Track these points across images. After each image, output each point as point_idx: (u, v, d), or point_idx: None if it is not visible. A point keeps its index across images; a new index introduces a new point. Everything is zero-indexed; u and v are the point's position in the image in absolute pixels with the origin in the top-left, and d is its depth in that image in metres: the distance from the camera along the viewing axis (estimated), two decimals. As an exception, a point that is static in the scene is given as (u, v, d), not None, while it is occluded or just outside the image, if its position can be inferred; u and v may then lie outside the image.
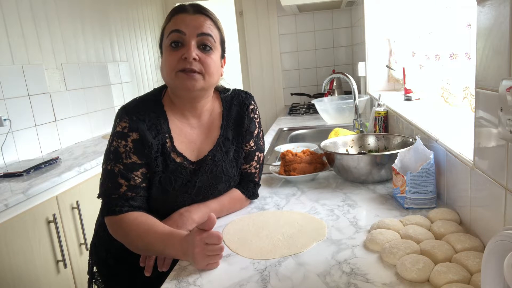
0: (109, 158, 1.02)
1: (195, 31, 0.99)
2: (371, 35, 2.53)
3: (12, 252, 1.52)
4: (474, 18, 0.80)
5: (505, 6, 0.67)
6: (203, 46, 1.00)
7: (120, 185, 0.99)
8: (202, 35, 1.00)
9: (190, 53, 0.97)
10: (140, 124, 1.02)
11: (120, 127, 1.01)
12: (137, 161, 1.01)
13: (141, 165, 1.02)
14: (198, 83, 1.00)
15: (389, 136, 1.49)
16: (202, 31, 1.00)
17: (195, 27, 0.99)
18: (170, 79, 1.02)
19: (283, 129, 2.51)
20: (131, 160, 1.00)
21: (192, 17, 1.00)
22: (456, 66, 1.44)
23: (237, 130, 1.15)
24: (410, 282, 0.73)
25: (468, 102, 1.34)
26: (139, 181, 1.01)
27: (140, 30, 3.64)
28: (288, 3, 2.98)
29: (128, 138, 1.01)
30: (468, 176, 0.89)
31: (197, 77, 1.00)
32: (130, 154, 1.01)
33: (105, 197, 1.01)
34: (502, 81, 0.67)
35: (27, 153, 2.20)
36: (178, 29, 0.99)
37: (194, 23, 0.99)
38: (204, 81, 1.01)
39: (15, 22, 2.20)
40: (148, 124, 1.03)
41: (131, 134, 1.01)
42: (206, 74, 1.01)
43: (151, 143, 1.02)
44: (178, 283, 0.82)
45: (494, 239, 0.49)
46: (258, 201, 1.22)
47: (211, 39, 1.01)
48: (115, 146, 1.01)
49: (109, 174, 1.01)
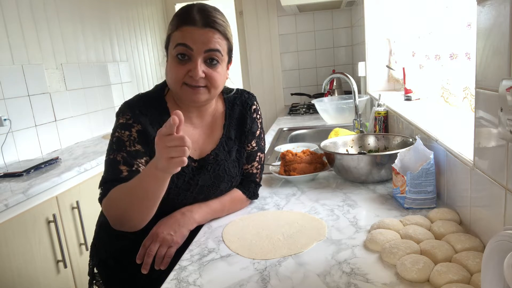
0: (112, 149, 1.01)
1: (203, 47, 0.97)
2: (371, 35, 2.53)
3: (12, 252, 1.52)
4: (474, 18, 0.80)
5: (505, 6, 0.67)
6: (210, 60, 0.99)
7: (121, 171, 0.97)
8: (210, 51, 0.98)
9: (196, 73, 0.96)
10: (142, 117, 1.02)
11: (124, 119, 1.01)
12: (141, 149, 1.00)
13: (145, 154, 1.01)
14: (203, 96, 1.01)
15: (389, 136, 1.49)
16: (210, 47, 0.97)
17: (203, 43, 0.97)
18: (175, 89, 1.02)
19: (283, 129, 2.51)
20: (135, 148, 1.00)
21: (200, 32, 0.97)
22: (456, 66, 1.44)
23: (239, 130, 1.15)
24: (410, 282, 0.73)
25: (468, 102, 1.34)
26: (143, 168, 0.99)
27: (140, 30, 3.64)
28: (288, 3, 2.98)
29: (132, 128, 1.00)
30: (468, 176, 0.89)
31: (202, 91, 1.00)
32: (134, 143, 1.00)
33: (104, 183, 0.99)
34: (502, 81, 0.67)
35: (27, 153, 2.20)
36: (186, 44, 0.96)
37: (202, 39, 0.97)
38: (209, 94, 1.02)
39: (15, 22, 2.20)
40: (151, 118, 1.03)
41: (135, 125, 1.01)
42: (212, 88, 1.01)
43: (153, 136, 1.01)
44: (178, 283, 0.82)
45: (494, 239, 0.49)
46: (258, 201, 1.23)
47: (219, 54, 0.99)
48: (117, 136, 1.00)
49: (111, 162, 0.99)
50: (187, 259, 0.91)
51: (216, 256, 0.91)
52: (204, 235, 1.03)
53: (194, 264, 0.88)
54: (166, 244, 0.98)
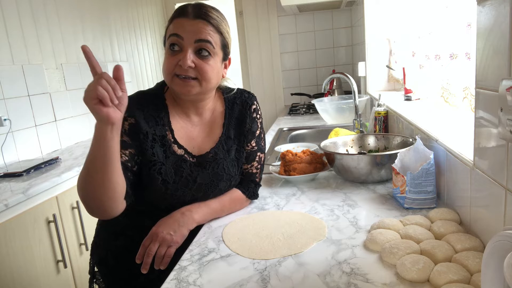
0: None
1: (193, 37, 0.98)
2: (371, 35, 2.53)
3: (12, 252, 1.52)
4: (474, 18, 0.80)
5: (505, 6, 0.67)
6: (200, 51, 1.00)
7: None
8: (199, 42, 0.99)
9: (185, 61, 0.97)
10: (136, 112, 1.02)
11: None
12: (128, 141, 1.00)
13: (130, 146, 1.00)
14: (193, 89, 1.01)
15: (389, 136, 1.49)
16: (200, 37, 0.98)
17: (193, 32, 0.98)
18: (168, 82, 1.03)
19: (283, 129, 2.52)
20: (122, 139, 0.98)
21: (191, 22, 0.98)
22: (456, 66, 1.44)
23: (239, 130, 1.15)
24: (410, 282, 0.73)
25: (468, 102, 1.34)
26: (125, 159, 0.99)
27: (140, 30, 3.64)
28: (288, 3, 2.98)
29: (125, 121, 1.00)
30: (468, 176, 0.89)
31: (192, 83, 1.00)
32: (123, 134, 1.00)
33: None
34: (502, 81, 0.67)
35: (27, 153, 2.20)
36: (176, 33, 0.98)
37: (193, 29, 0.98)
38: (200, 86, 1.02)
39: (15, 22, 2.20)
40: (146, 114, 1.03)
41: (128, 119, 1.01)
42: (203, 80, 1.01)
43: (146, 131, 1.02)
44: (178, 283, 0.82)
45: (494, 239, 0.49)
46: (258, 201, 1.23)
47: (209, 45, 1.00)
48: None
49: None
50: (187, 259, 0.91)
51: (216, 256, 0.91)
52: (204, 235, 1.03)
53: (194, 264, 0.88)
54: (165, 244, 0.98)
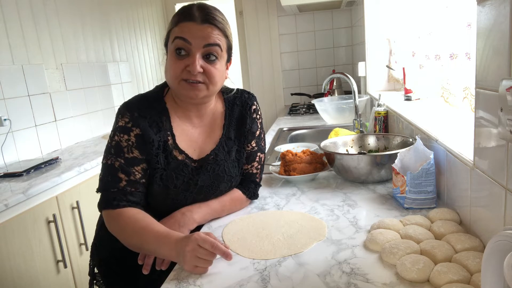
0: (110, 153, 1.01)
1: (202, 42, 0.97)
2: (371, 35, 2.53)
3: (12, 252, 1.51)
4: (474, 18, 0.80)
5: (505, 6, 0.67)
6: (208, 56, 0.99)
7: (120, 180, 0.99)
8: (208, 46, 0.98)
9: (194, 67, 0.96)
10: (141, 120, 1.02)
11: (123, 122, 1.02)
12: (139, 156, 1.01)
13: (142, 161, 1.01)
14: (201, 93, 1.01)
15: (389, 136, 1.49)
16: (209, 42, 0.98)
17: (202, 37, 0.97)
18: (173, 85, 1.02)
19: (283, 129, 2.51)
20: (132, 155, 1.00)
21: (199, 27, 0.97)
22: (456, 66, 1.44)
23: (239, 130, 1.15)
24: (410, 282, 0.73)
25: (468, 102, 1.34)
26: (139, 177, 1.01)
27: (140, 30, 3.64)
28: (288, 3, 2.98)
29: (131, 132, 1.01)
30: (468, 176, 0.89)
31: (200, 87, 1.00)
32: (132, 148, 1.01)
33: (104, 191, 1.01)
34: (502, 81, 0.67)
35: (27, 153, 2.20)
36: (184, 38, 0.97)
37: (201, 34, 0.97)
38: (207, 90, 1.02)
39: (15, 22, 2.19)
40: (150, 120, 1.03)
41: (134, 129, 1.01)
42: (210, 84, 1.01)
43: (152, 139, 1.02)
44: (178, 283, 0.82)
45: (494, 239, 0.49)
46: (258, 201, 1.23)
47: (218, 49, 0.99)
48: (116, 141, 1.01)
49: (109, 168, 1.00)
50: (187, 259, 0.91)
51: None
52: (204, 235, 1.03)
53: (194, 264, 0.88)
54: None
